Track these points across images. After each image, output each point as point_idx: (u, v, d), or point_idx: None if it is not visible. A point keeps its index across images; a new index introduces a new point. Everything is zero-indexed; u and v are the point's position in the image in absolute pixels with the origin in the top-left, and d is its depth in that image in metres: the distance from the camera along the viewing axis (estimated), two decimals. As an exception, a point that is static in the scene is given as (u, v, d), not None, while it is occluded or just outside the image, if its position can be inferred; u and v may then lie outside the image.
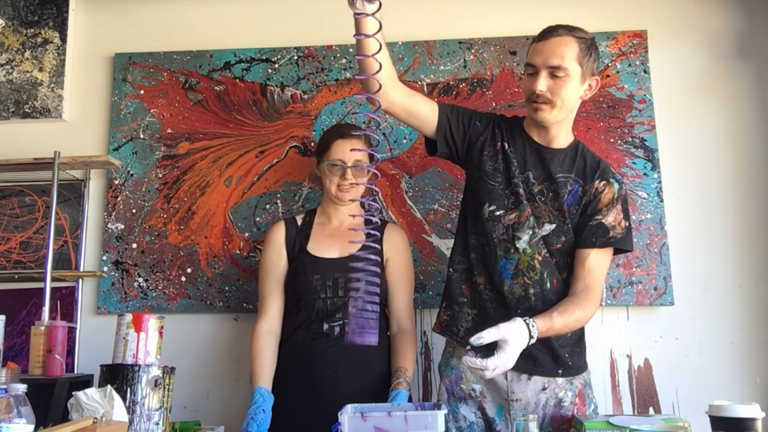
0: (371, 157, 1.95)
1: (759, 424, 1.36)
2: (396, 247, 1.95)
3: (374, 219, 1.84)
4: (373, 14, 1.35)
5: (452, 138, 1.73)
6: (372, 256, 1.49)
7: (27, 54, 2.47)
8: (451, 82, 2.35)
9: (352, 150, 1.88)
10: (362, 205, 2.00)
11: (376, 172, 1.80)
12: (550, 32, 1.62)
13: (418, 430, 1.31)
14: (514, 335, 1.42)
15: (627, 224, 1.69)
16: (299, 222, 2.00)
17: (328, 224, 1.98)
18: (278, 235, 1.96)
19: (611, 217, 1.66)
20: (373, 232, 1.77)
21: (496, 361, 1.39)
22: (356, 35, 1.46)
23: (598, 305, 1.65)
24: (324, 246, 1.92)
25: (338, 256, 1.89)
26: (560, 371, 1.68)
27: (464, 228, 1.78)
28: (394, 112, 1.67)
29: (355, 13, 1.40)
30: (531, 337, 1.45)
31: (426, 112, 1.70)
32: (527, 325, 1.45)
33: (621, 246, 1.69)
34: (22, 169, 2.31)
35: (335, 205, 1.97)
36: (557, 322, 1.53)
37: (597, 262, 1.66)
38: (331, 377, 1.79)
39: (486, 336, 1.39)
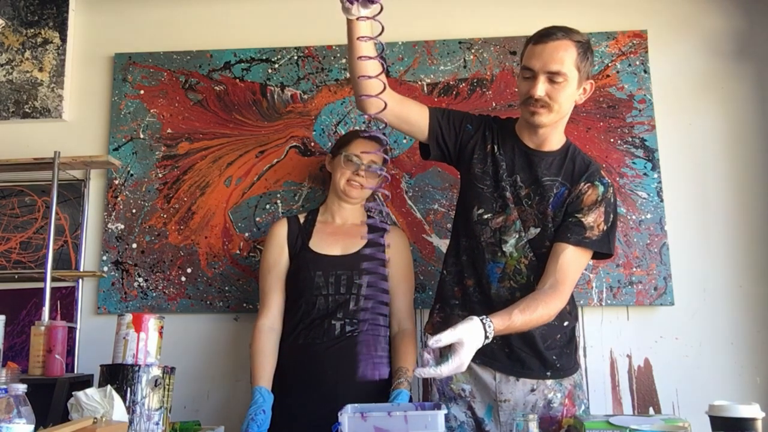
0: (383, 165, 1.99)
1: (759, 424, 1.36)
2: (398, 249, 1.95)
3: (386, 227, 1.87)
4: (374, 17, 1.35)
5: (444, 141, 1.73)
6: (381, 263, 1.50)
7: (27, 54, 2.47)
8: (451, 82, 2.35)
9: (363, 152, 1.92)
10: (367, 211, 2.02)
11: (386, 175, 1.81)
12: (548, 35, 1.58)
13: (418, 430, 1.31)
14: (470, 336, 1.38)
15: (606, 228, 1.63)
16: (302, 220, 2.01)
17: (331, 222, 1.99)
18: (280, 231, 1.97)
19: (591, 218, 1.62)
20: (380, 241, 1.81)
21: (451, 366, 1.37)
22: (360, 38, 1.45)
23: (565, 303, 1.60)
24: (326, 243, 1.93)
25: (341, 254, 1.90)
26: (549, 373, 1.67)
27: (456, 230, 1.79)
28: (386, 119, 1.64)
29: (355, 17, 1.40)
30: (486, 337, 1.41)
31: (417, 117, 1.70)
32: (483, 324, 1.41)
33: (595, 248, 1.63)
34: (22, 169, 2.31)
35: (341, 201, 1.98)
36: (517, 320, 1.47)
37: (571, 259, 1.60)
38: (332, 376, 1.79)
39: (444, 338, 1.36)
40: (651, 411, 2.13)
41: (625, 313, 2.19)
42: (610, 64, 2.31)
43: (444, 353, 1.40)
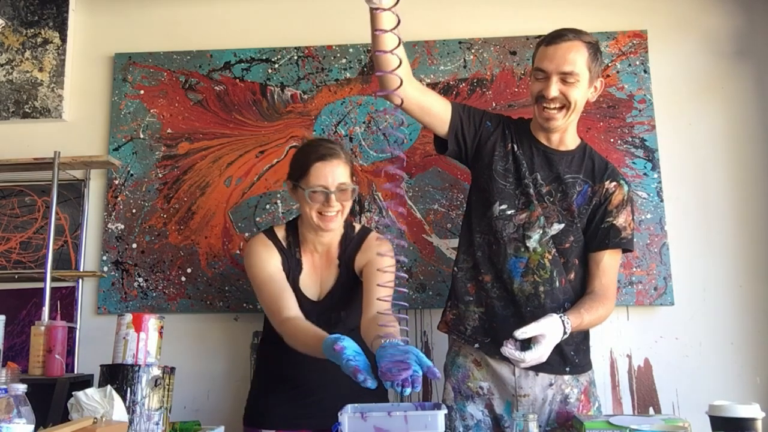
0: (352, 174, 1.76)
1: (759, 424, 1.36)
2: (372, 253, 1.75)
3: (364, 233, 1.79)
4: (390, 9, 1.34)
5: (463, 137, 1.74)
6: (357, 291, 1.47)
7: (27, 54, 2.47)
8: (451, 82, 2.34)
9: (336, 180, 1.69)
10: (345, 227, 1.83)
11: (402, 174, 1.72)
12: (559, 37, 1.64)
13: (418, 430, 1.31)
14: (552, 330, 1.49)
15: (634, 226, 1.76)
16: (283, 242, 1.79)
17: (311, 252, 1.80)
18: (269, 248, 1.77)
19: (622, 219, 1.71)
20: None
21: (534, 355, 1.48)
22: (375, 30, 1.43)
23: (614, 303, 1.72)
24: (311, 281, 1.79)
25: (318, 299, 1.79)
26: (567, 369, 1.69)
27: (469, 227, 1.79)
28: (408, 109, 1.67)
29: (372, 8, 1.39)
30: (565, 333, 1.52)
31: (439, 110, 1.72)
32: (562, 321, 1.52)
33: (630, 247, 1.74)
34: (22, 169, 2.31)
35: (317, 232, 1.75)
36: (585, 318, 1.59)
37: (610, 262, 1.72)
38: (331, 376, 1.78)
39: (529, 331, 1.47)
40: (651, 411, 2.13)
41: (625, 313, 2.19)
42: (610, 64, 2.31)
43: (524, 345, 1.50)
